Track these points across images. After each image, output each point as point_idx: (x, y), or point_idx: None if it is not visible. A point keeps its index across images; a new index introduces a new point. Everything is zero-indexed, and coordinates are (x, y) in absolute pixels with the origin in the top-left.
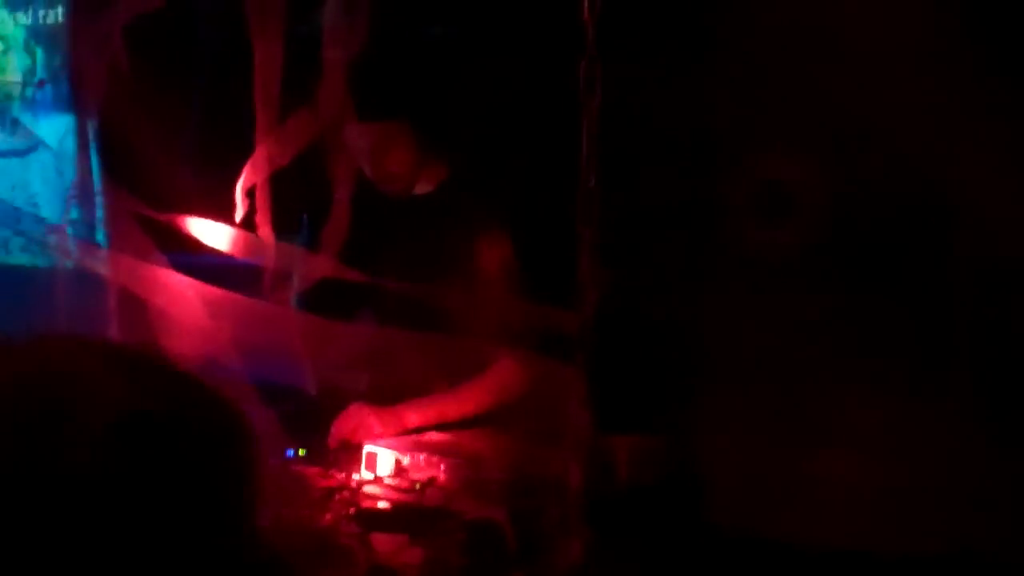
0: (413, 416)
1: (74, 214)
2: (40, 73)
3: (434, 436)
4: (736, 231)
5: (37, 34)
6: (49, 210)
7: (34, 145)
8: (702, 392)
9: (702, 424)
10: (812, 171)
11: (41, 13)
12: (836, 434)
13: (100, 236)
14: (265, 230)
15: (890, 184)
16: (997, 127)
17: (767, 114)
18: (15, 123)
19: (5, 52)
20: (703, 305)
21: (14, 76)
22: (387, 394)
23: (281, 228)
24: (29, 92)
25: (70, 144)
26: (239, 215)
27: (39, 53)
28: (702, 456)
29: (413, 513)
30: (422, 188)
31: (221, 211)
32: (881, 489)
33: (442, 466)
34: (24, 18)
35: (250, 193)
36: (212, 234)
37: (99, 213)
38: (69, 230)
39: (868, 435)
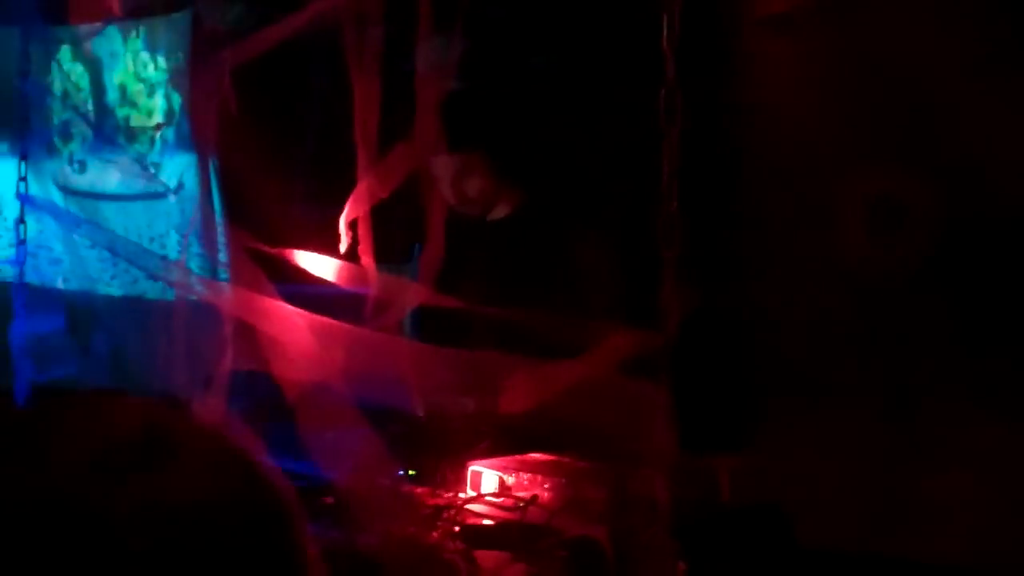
0: (557, 381)
1: (194, 249)
2: (178, 116)
3: (537, 456)
4: (839, 246)
5: (175, 77)
6: (173, 246)
7: (166, 191)
8: (802, 411)
9: (801, 444)
10: (920, 186)
11: (179, 56)
12: (946, 453)
13: (220, 271)
14: (367, 260)
15: (1000, 200)
16: None
17: (873, 127)
18: (155, 168)
19: (150, 95)
20: (804, 322)
21: (156, 119)
22: (493, 416)
23: (394, 257)
24: (164, 135)
25: (191, 183)
26: (343, 247)
27: (175, 97)
28: (801, 476)
29: (516, 530)
30: (499, 212)
31: (327, 244)
32: (995, 512)
33: (545, 485)
34: (163, 61)
35: (353, 226)
36: (319, 265)
37: (220, 248)
38: (190, 265)
39: (978, 454)
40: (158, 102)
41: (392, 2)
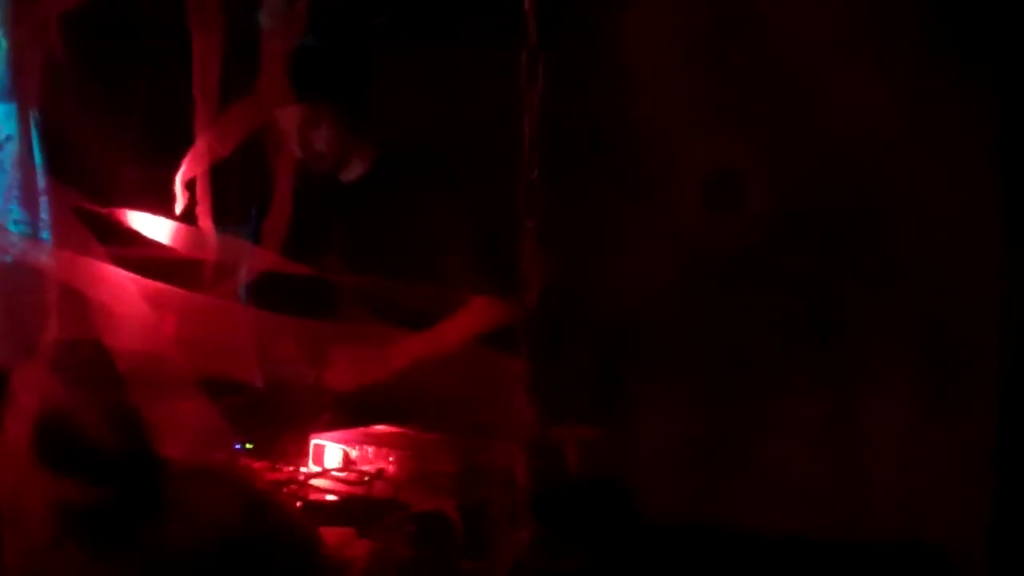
0: (397, 357)
1: (15, 208)
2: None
3: (382, 428)
4: (682, 219)
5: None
6: None
7: None
8: (644, 382)
9: (643, 414)
10: (757, 159)
11: None
12: (778, 423)
13: (43, 231)
14: (205, 222)
15: (833, 176)
16: (939, 119)
17: (711, 100)
18: None
19: None
20: (647, 294)
21: None
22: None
23: (230, 219)
24: None
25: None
26: (180, 208)
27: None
28: (643, 446)
29: (361, 506)
30: (353, 171)
31: (162, 204)
32: (822, 477)
33: (391, 458)
34: None
35: (191, 185)
36: (153, 227)
37: (42, 207)
38: (10, 225)
39: (811, 424)
40: None
41: None
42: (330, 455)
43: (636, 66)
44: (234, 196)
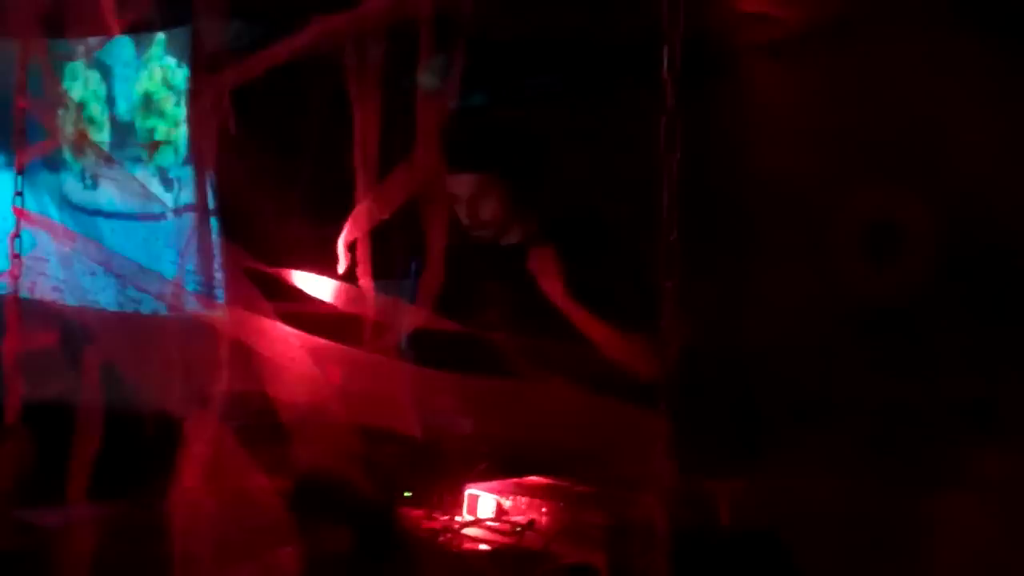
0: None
1: (189, 267)
2: None
3: (535, 479)
4: (839, 272)
5: None
6: (169, 263)
7: (163, 212)
8: (801, 435)
9: (800, 468)
10: (917, 209)
11: None
12: (946, 479)
13: (216, 290)
14: (365, 281)
15: (994, 222)
16: None
17: (867, 151)
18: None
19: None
20: (802, 346)
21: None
22: (489, 438)
23: (392, 273)
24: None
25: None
26: (342, 268)
27: None
28: (800, 502)
29: (513, 556)
30: (512, 238)
31: (325, 264)
32: (994, 535)
33: (543, 509)
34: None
35: (352, 247)
36: (316, 286)
37: (216, 267)
38: (187, 284)
39: (978, 480)
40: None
41: (392, 22)
42: (484, 505)
43: (784, 120)
44: (395, 254)
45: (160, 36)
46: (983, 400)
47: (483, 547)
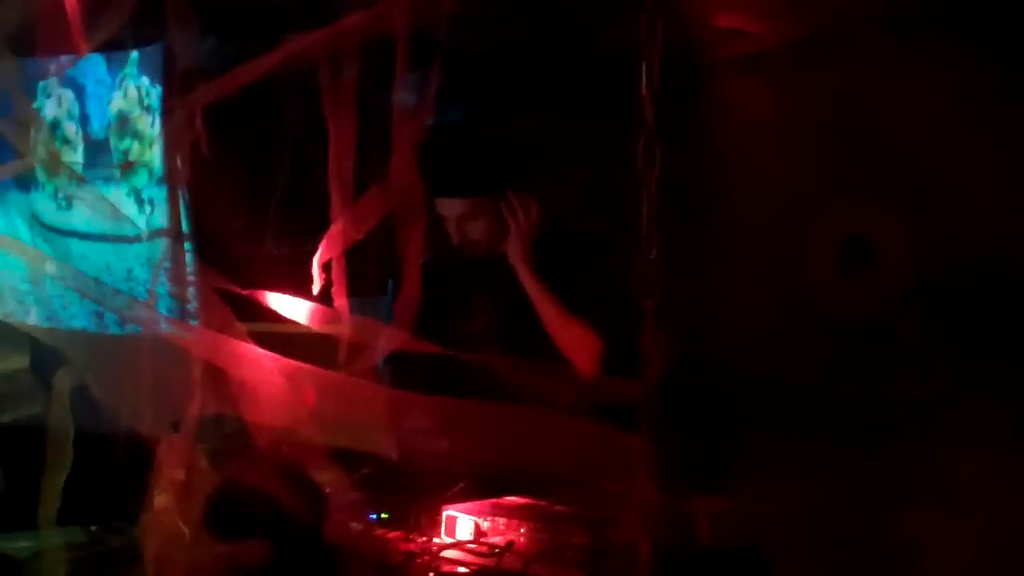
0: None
1: (161, 289)
2: None
3: (513, 500)
4: (815, 288)
5: None
6: (140, 283)
7: (138, 235)
8: (777, 452)
9: (776, 485)
10: (890, 225)
11: None
12: (917, 494)
13: (191, 312)
14: (340, 302)
15: (968, 238)
16: None
17: (842, 166)
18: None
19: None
20: (777, 364)
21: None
22: (466, 458)
23: (367, 291)
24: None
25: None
26: (316, 288)
27: None
28: (777, 518)
29: None
30: (498, 250)
31: (299, 285)
32: (972, 548)
33: (521, 530)
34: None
35: (327, 267)
36: (291, 307)
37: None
38: (159, 305)
39: (953, 492)
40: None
41: (367, 40)
42: (462, 526)
43: (760, 136)
44: (370, 271)
45: (134, 54)
46: (959, 412)
47: (462, 569)
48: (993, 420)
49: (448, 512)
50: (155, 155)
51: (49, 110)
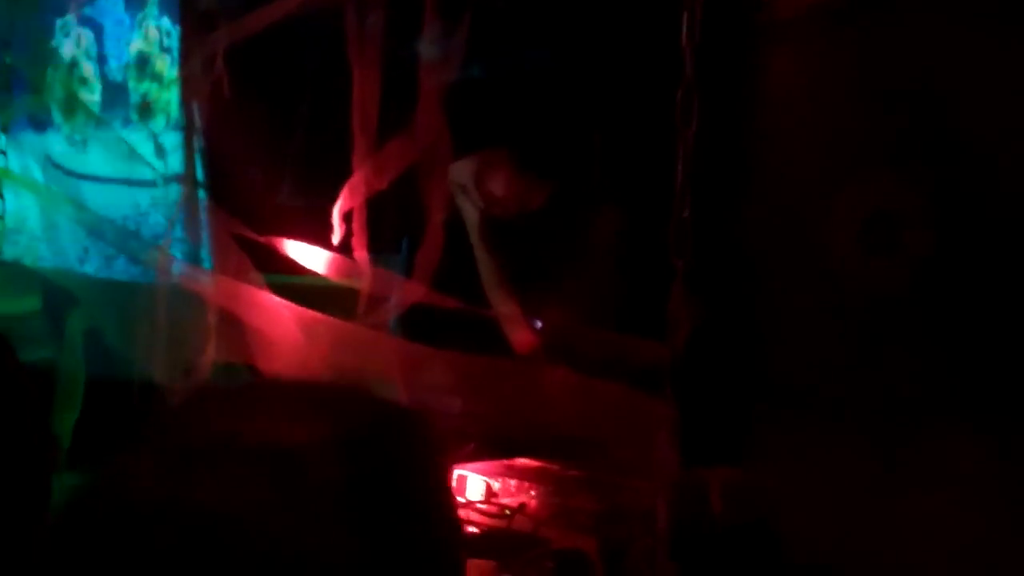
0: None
1: (178, 233)
2: None
3: (525, 462)
4: (839, 260)
5: None
6: (154, 227)
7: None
8: (792, 426)
9: (790, 459)
10: (918, 201)
11: None
12: (932, 473)
13: (204, 256)
14: (360, 253)
15: (999, 220)
16: None
17: (873, 139)
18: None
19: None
20: (797, 337)
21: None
22: (479, 417)
23: (382, 248)
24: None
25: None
26: (336, 238)
27: None
28: (789, 491)
29: (502, 539)
30: (525, 208)
31: (319, 234)
32: (984, 535)
33: (532, 492)
34: None
35: (347, 217)
36: (309, 256)
37: (203, 233)
38: (173, 249)
39: (973, 477)
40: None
41: None
42: (473, 487)
43: (790, 103)
44: (388, 227)
45: None
46: (982, 392)
47: (472, 530)
48: (1019, 401)
49: (459, 472)
50: (173, 99)
51: (67, 49)
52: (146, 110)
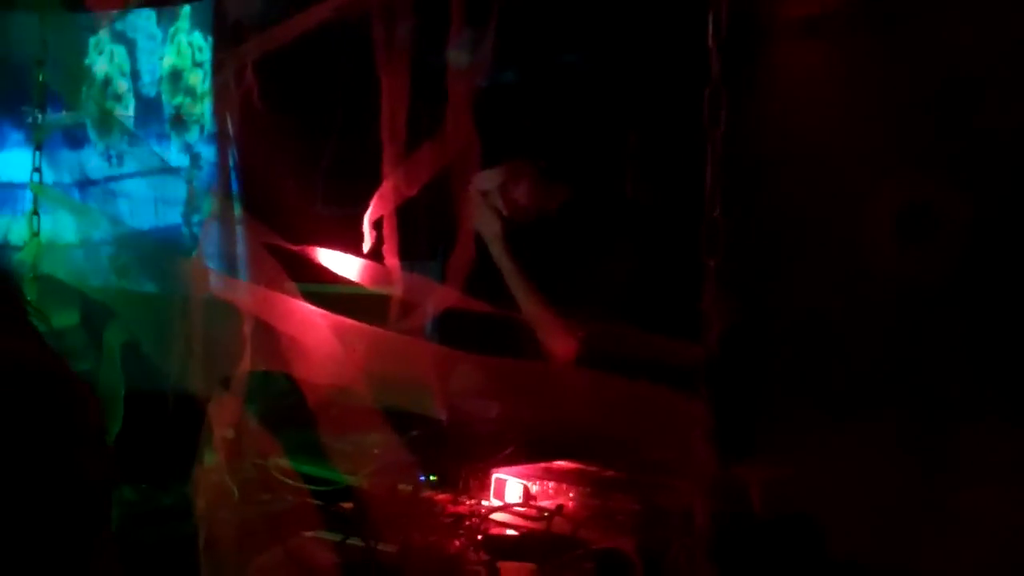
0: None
1: (212, 244)
2: None
3: (563, 464)
4: (873, 255)
5: None
6: (189, 241)
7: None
8: (833, 421)
9: (831, 454)
10: (952, 195)
11: None
12: (977, 467)
13: (239, 267)
14: (392, 260)
15: None
16: None
17: (903, 133)
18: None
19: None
20: (834, 332)
21: None
22: (516, 421)
23: (417, 255)
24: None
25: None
26: (367, 246)
27: None
28: (831, 487)
29: (541, 541)
30: (546, 212)
31: (350, 242)
32: (1017, 523)
33: (570, 494)
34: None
35: (378, 224)
36: (343, 264)
37: (238, 243)
38: (209, 263)
39: (1007, 468)
40: None
41: None
42: (511, 490)
43: (821, 98)
44: (421, 234)
45: (185, 8)
46: (1018, 386)
47: (510, 532)
48: None
49: (497, 475)
50: (207, 111)
51: (100, 66)
52: (180, 123)
